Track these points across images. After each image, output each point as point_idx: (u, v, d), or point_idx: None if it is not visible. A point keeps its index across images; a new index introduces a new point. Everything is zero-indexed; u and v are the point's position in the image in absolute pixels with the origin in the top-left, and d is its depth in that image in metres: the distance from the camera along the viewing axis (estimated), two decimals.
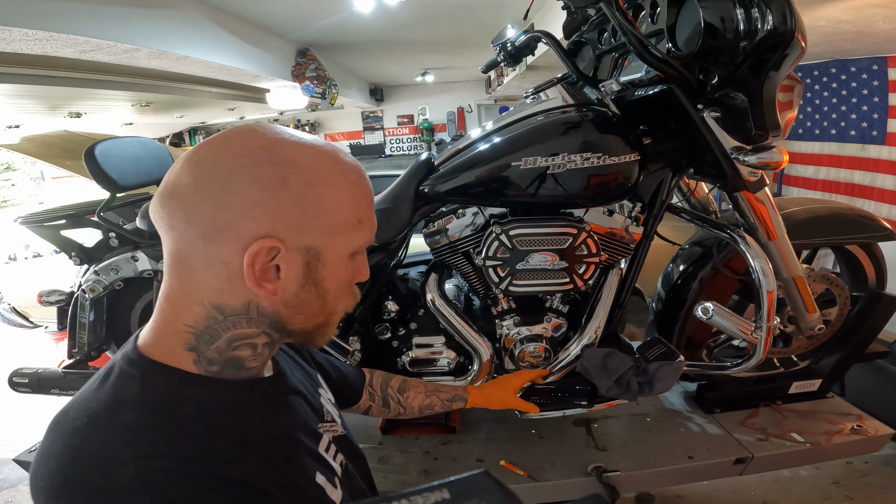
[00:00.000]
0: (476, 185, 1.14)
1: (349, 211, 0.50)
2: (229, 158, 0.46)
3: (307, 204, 0.47)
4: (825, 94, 3.38)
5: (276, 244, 0.46)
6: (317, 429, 0.60)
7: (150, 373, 0.47)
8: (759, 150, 1.07)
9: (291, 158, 0.47)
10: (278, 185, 0.46)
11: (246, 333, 0.50)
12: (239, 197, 0.45)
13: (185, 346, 0.49)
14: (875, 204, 3.06)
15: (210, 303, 0.48)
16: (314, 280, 0.50)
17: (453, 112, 8.13)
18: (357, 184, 0.51)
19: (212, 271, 0.47)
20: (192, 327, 0.48)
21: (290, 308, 0.50)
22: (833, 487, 1.82)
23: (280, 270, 0.48)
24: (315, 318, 0.53)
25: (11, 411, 2.80)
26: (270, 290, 0.48)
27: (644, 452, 1.26)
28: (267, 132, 0.48)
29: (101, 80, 3.31)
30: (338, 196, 0.49)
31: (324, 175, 0.48)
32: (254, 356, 0.52)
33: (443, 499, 0.23)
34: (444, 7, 3.62)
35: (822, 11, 2.04)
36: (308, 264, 0.49)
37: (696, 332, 1.40)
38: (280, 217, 0.46)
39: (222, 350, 0.50)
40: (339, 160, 0.50)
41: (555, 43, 1.23)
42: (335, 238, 0.50)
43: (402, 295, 1.32)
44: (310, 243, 0.48)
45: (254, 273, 0.46)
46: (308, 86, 4.33)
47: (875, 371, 1.80)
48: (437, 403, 0.99)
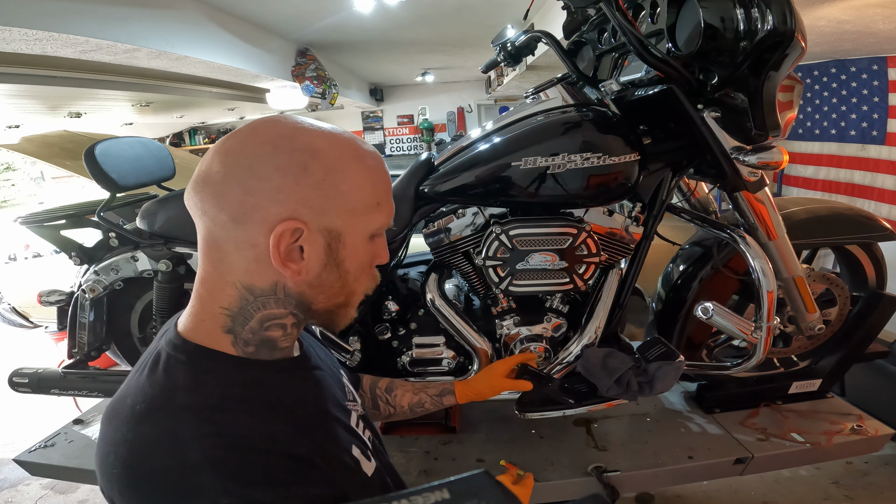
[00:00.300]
0: (476, 185, 1.14)
1: (367, 194, 0.53)
2: (254, 146, 0.49)
3: (327, 187, 0.50)
4: (825, 94, 3.38)
5: (300, 226, 0.49)
6: (345, 405, 0.64)
7: (196, 357, 0.51)
8: (759, 150, 1.07)
9: (311, 145, 0.50)
10: (299, 170, 0.49)
11: (275, 314, 0.54)
12: (264, 182, 0.48)
13: (223, 328, 0.52)
14: (875, 204, 3.06)
15: (241, 283, 0.51)
16: (335, 260, 0.53)
17: (453, 112, 8.12)
18: (374, 168, 0.54)
19: (241, 253, 0.50)
20: (227, 309, 0.52)
21: (313, 288, 0.53)
22: (833, 487, 1.82)
23: (304, 251, 0.51)
24: (336, 298, 0.56)
25: (11, 411, 2.80)
26: (295, 269, 0.51)
27: (644, 452, 1.26)
28: (288, 122, 0.52)
29: (101, 80, 3.31)
30: (356, 180, 0.52)
31: (342, 160, 0.51)
32: (284, 336, 0.56)
33: (443, 499, 0.23)
34: (444, 7, 3.61)
35: (822, 11, 2.04)
36: (329, 245, 0.52)
37: (696, 332, 1.40)
38: (302, 200, 0.49)
39: (256, 331, 0.53)
40: (356, 146, 0.53)
41: (555, 43, 1.23)
42: (355, 220, 0.52)
43: (402, 295, 1.32)
44: (330, 225, 0.51)
45: (279, 253, 0.49)
46: (308, 86, 4.33)
47: (875, 371, 1.81)
48: (426, 400, 0.97)
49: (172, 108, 5.65)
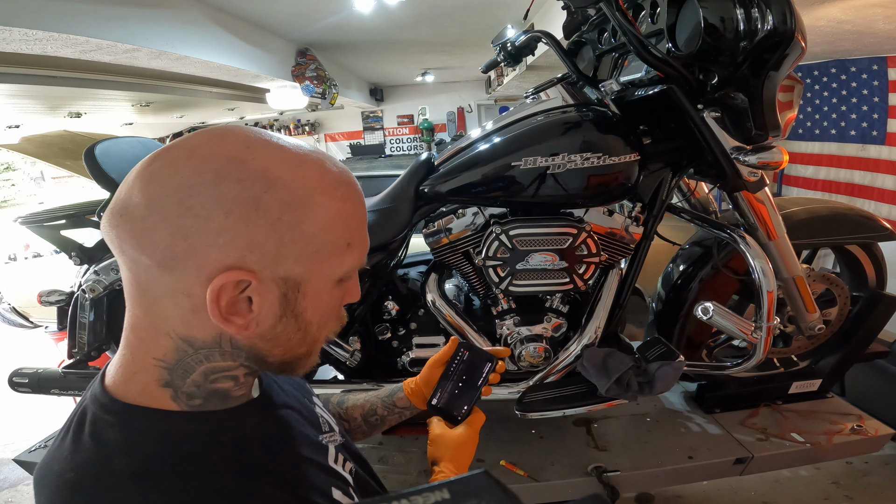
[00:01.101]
0: (476, 184, 1.14)
1: (336, 234, 0.43)
2: (189, 173, 0.38)
3: (284, 229, 0.40)
4: (825, 94, 3.38)
5: (246, 276, 0.39)
6: (320, 441, 0.56)
7: (127, 418, 0.42)
8: (759, 150, 1.07)
9: (266, 173, 0.40)
10: (248, 207, 0.39)
11: (222, 367, 0.45)
12: (200, 221, 0.38)
13: (159, 382, 0.43)
14: (875, 204, 3.06)
15: (177, 335, 0.42)
16: (293, 312, 0.44)
17: (453, 112, 8.12)
18: (347, 200, 0.44)
19: (174, 301, 0.41)
20: (162, 361, 0.43)
21: (267, 341, 0.45)
22: (833, 487, 1.82)
23: (252, 302, 0.42)
24: (296, 350, 0.48)
25: (11, 411, 2.80)
26: (241, 324, 0.42)
27: (644, 452, 1.26)
28: (238, 139, 0.41)
29: (101, 80, 3.31)
30: (322, 217, 0.42)
31: (306, 192, 0.41)
32: (237, 386, 0.47)
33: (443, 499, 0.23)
34: (444, 7, 3.62)
35: (822, 11, 2.05)
36: (286, 296, 0.43)
37: (696, 332, 1.40)
38: (251, 245, 0.39)
39: (200, 384, 0.45)
40: (325, 172, 0.43)
41: (555, 43, 1.23)
42: (319, 266, 0.43)
43: (402, 295, 1.32)
44: (288, 273, 0.42)
45: (219, 308, 0.40)
46: (308, 86, 4.33)
47: (875, 371, 1.80)
48: (377, 405, 0.82)
49: (172, 108, 5.65)
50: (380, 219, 1.21)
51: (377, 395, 0.84)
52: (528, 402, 1.22)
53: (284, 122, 8.15)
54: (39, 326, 3.96)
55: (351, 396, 0.85)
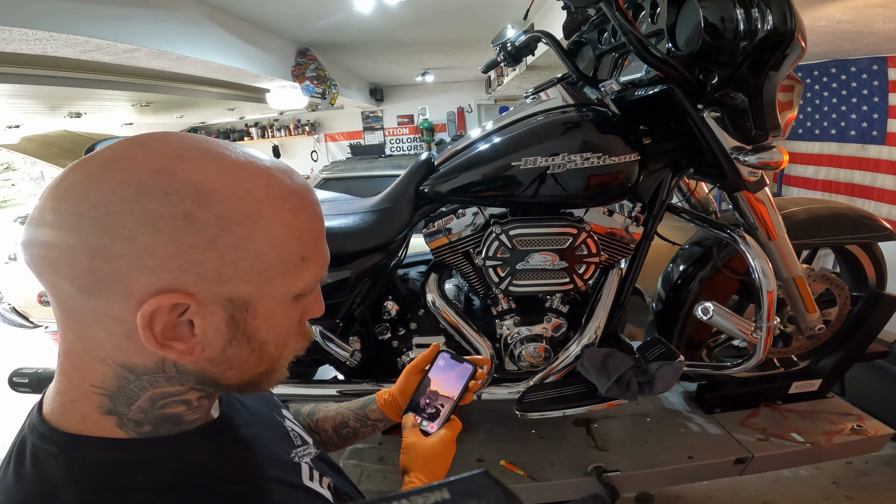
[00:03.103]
0: (476, 185, 1.14)
1: (288, 249, 0.39)
2: (108, 188, 0.34)
3: (224, 247, 0.36)
4: (825, 94, 3.38)
5: (182, 300, 0.36)
6: (291, 458, 0.52)
7: (70, 448, 0.38)
8: (759, 150, 1.07)
9: (199, 186, 0.35)
10: (179, 225, 0.34)
11: (170, 392, 0.41)
12: (123, 241, 0.34)
13: (101, 409, 0.39)
14: (875, 204, 3.06)
15: (114, 361, 0.38)
16: (244, 333, 0.40)
17: (453, 112, 8.12)
18: (298, 212, 0.40)
19: (105, 328, 0.37)
20: (101, 388, 0.39)
21: (217, 365, 0.41)
22: (833, 487, 1.82)
23: (195, 326, 0.38)
24: (253, 371, 0.44)
25: (11, 411, 2.80)
26: (183, 350, 0.38)
27: (644, 452, 1.27)
28: (167, 148, 0.36)
29: (101, 80, 3.31)
30: (270, 233, 0.38)
31: (248, 206, 0.37)
32: (190, 410, 0.43)
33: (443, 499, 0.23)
34: (444, 7, 3.62)
35: (822, 11, 2.04)
36: (233, 317, 0.39)
37: (696, 332, 1.40)
38: (185, 266, 0.35)
39: (147, 410, 0.41)
40: (271, 183, 0.39)
41: (555, 43, 1.23)
42: (269, 284, 0.39)
43: (402, 295, 1.32)
44: (234, 294, 0.38)
45: (153, 335, 0.36)
46: (308, 86, 4.33)
47: (875, 371, 1.80)
48: (349, 417, 0.78)
49: (172, 108, 5.65)
50: (380, 219, 1.21)
51: (349, 406, 0.80)
52: (528, 402, 1.22)
53: (284, 122, 8.15)
54: (39, 326, 3.96)
55: (322, 407, 0.81)
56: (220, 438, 0.46)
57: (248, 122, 8.20)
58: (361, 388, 1.28)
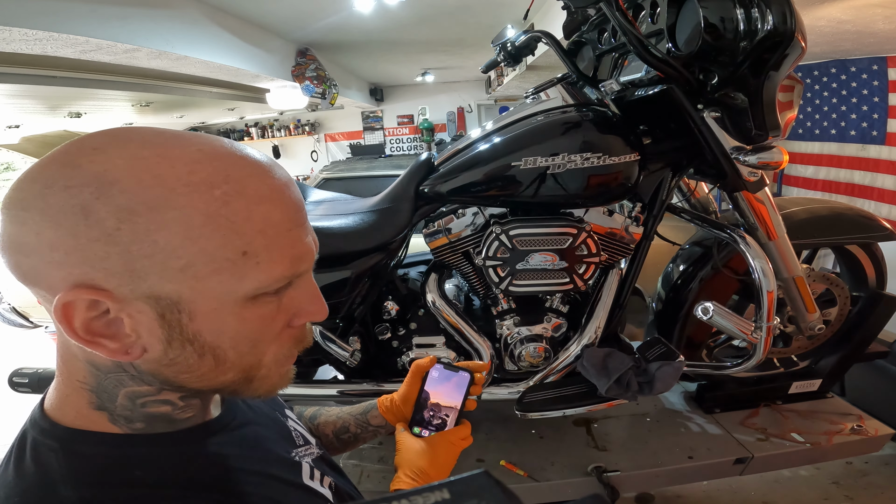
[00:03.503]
0: (476, 185, 1.14)
1: (214, 243, 0.36)
2: (25, 187, 0.35)
3: (125, 240, 0.34)
4: (825, 94, 3.38)
5: (96, 296, 0.34)
6: (292, 458, 0.52)
7: (69, 442, 0.39)
8: (759, 150, 1.07)
9: (100, 177, 0.33)
10: (75, 218, 0.33)
11: (142, 391, 0.41)
12: (33, 237, 0.34)
13: (91, 404, 0.40)
14: (875, 204, 3.06)
15: (83, 358, 0.39)
16: (182, 336, 0.38)
17: (453, 112, 8.12)
18: (231, 200, 0.36)
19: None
20: (84, 384, 0.40)
21: (168, 367, 0.39)
22: (833, 487, 1.82)
23: (125, 327, 0.37)
24: (217, 378, 0.41)
25: (11, 411, 2.80)
26: (115, 348, 0.37)
27: (644, 452, 1.26)
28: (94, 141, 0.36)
29: (101, 80, 3.31)
30: (183, 224, 0.34)
31: (154, 195, 0.34)
32: (178, 410, 0.43)
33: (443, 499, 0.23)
34: (444, 7, 3.61)
35: (822, 11, 2.04)
36: (164, 317, 0.37)
37: (696, 332, 1.40)
38: (89, 261, 0.34)
39: (130, 408, 0.41)
40: (196, 168, 0.35)
41: (555, 43, 1.23)
42: (200, 283, 0.36)
43: (402, 295, 1.32)
44: (155, 292, 0.36)
45: (74, 330, 0.35)
46: (308, 86, 4.33)
47: (875, 371, 1.80)
48: (350, 422, 0.78)
49: (172, 108, 5.65)
50: (380, 219, 1.21)
51: (350, 411, 0.79)
52: (528, 402, 1.22)
53: (284, 122, 8.15)
54: (39, 326, 3.96)
55: (324, 412, 0.81)
56: (220, 437, 0.46)
57: (248, 122, 8.20)
58: (361, 387, 1.28)
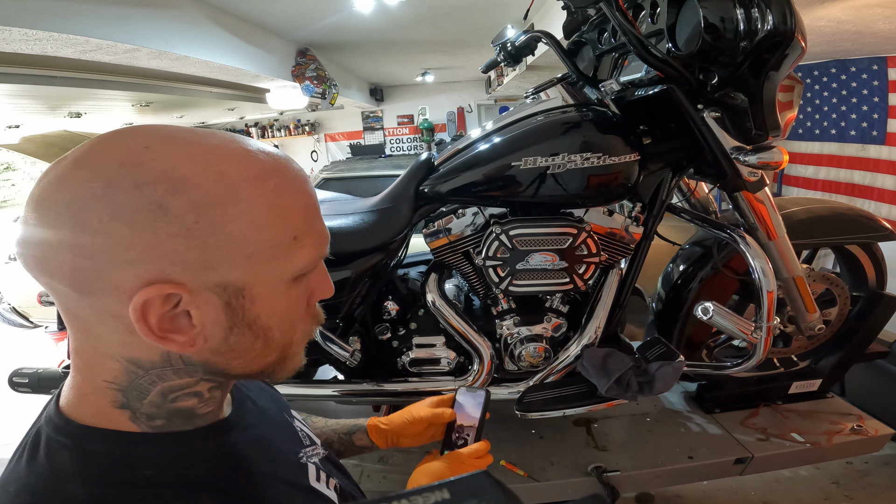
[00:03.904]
0: (476, 185, 1.14)
1: (275, 230, 0.38)
2: (76, 186, 0.34)
3: (203, 233, 0.35)
4: (825, 94, 3.38)
5: (173, 290, 0.35)
6: (299, 459, 0.52)
7: (83, 440, 0.39)
8: (759, 150, 1.07)
9: (168, 174, 0.34)
10: (153, 215, 0.34)
11: (180, 384, 0.41)
12: (100, 237, 0.33)
13: (114, 403, 0.40)
14: (875, 204, 3.06)
15: (122, 357, 0.39)
16: (244, 321, 0.40)
17: (453, 112, 8.12)
18: (281, 191, 0.39)
19: (106, 325, 0.37)
20: (112, 383, 0.39)
21: (222, 355, 0.41)
22: (833, 487, 1.82)
23: (192, 317, 0.37)
24: (262, 360, 0.43)
25: (11, 411, 2.80)
26: (184, 341, 0.38)
27: (644, 452, 1.26)
28: (134, 140, 0.36)
29: (101, 80, 3.31)
30: (251, 214, 0.37)
31: (223, 189, 0.36)
32: (202, 403, 0.44)
33: (443, 499, 0.23)
34: (444, 7, 3.61)
35: (822, 11, 2.05)
36: (229, 304, 0.38)
37: (696, 332, 1.40)
38: (168, 256, 0.35)
39: (159, 404, 0.41)
40: (248, 164, 0.37)
41: (555, 43, 1.23)
42: (261, 268, 0.38)
43: (402, 295, 1.32)
44: (224, 280, 0.37)
45: (150, 327, 0.36)
46: (308, 86, 4.33)
47: (875, 371, 1.80)
48: (333, 439, 0.77)
49: (172, 108, 5.65)
50: (380, 219, 1.21)
51: (334, 427, 0.78)
52: (528, 402, 1.22)
53: (284, 122, 8.15)
54: (39, 326, 3.96)
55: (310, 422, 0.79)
56: (229, 437, 0.46)
57: (248, 122, 8.20)
58: (361, 387, 1.28)
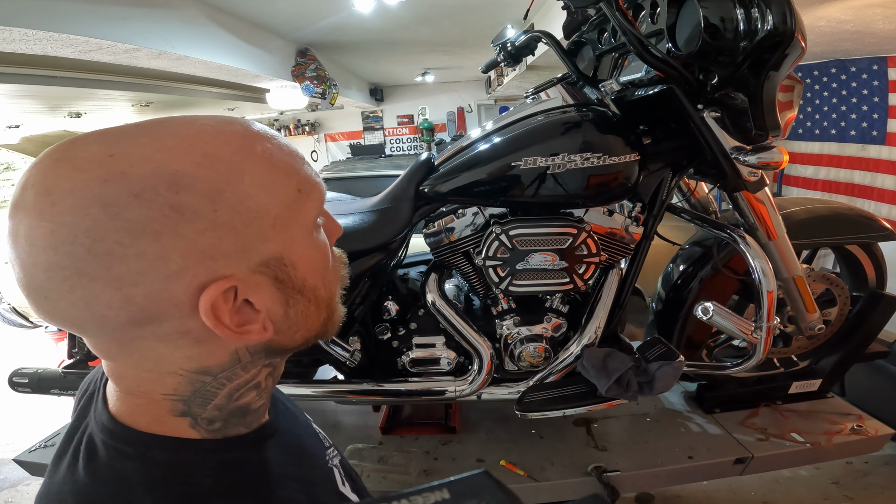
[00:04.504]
0: (476, 184, 1.14)
1: (283, 189, 0.38)
2: (72, 220, 0.30)
3: (227, 219, 0.34)
4: (825, 94, 3.38)
5: (227, 284, 0.34)
6: (327, 463, 0.52)
7: (146, 447, 0.38)
8: (759, 150, 1.07)
9: (158, 173, 0.32)
10: (171, 219, 0.32)
11: (247, 378, 0.42)
12: (133, 261, 0.31)
13: (173, 412, 0.39)
14: (875, 204, 3.06)
15: (188, 370, 0.38)
16: (295, 288, 0.40)
17: (453, 112, 8.12)
18: (270, 152, 0.38)
19: (171, 345, 0.37)
20: (173, 395, 0.39)
21: (285, 333, 0.41)
22: (833, 487, 1.83)
23: (254, 305, 0.37)
24: (317, 321, 0.44)
25: (11, 411, 2.80)
26: (258, 328, 0.38)
27: (644, 452, 1.26)
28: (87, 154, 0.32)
29: (101, 80, 3.31)
30: (259, 184, 0.36)
31: (222, 171, 0.34)
32: (258, 395, 0.44)
33: (443, 499, 0.23)
34: (444, 7, 3.61)
35: (822, 11, 2.05)
36: (277, 278, 0.38)
37: (696, 332, 1.40)
38: (206, 253, 0.33)
39: (223, 406, 0.41)
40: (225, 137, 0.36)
41: (555, 43, 1.23)
42: (287, 231, 0.38)
43: (402, 295, 1.32)
44: (264, 256, 0.37)
45: (228, 327, 0.36)
46: (308, 86, 4.33)
47: (875, 371, 1.81)
48: None
49: (172, 108, 5.65)
50: (380, 219, 1.21)
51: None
52: (528, 402, 1.22)
53: (284, 122, 8.15)
54: (39, 326, 3.95)
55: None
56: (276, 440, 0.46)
57: None
58: (361, 387, 1.28)
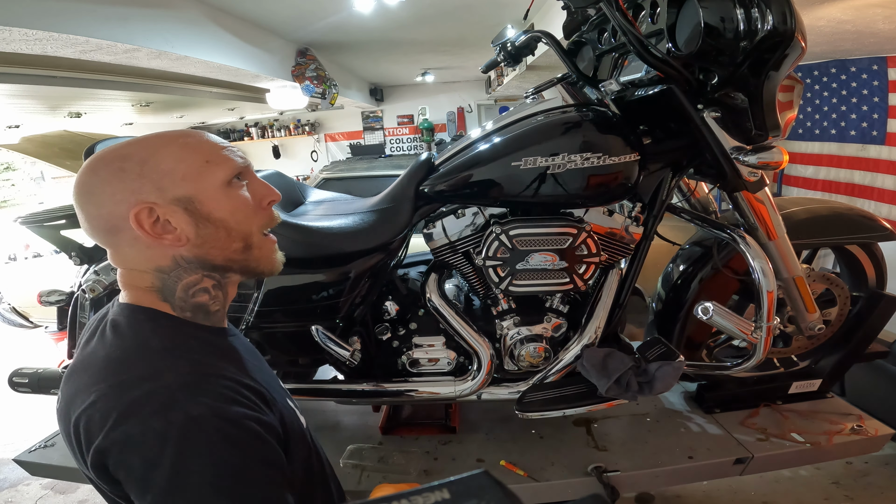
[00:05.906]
0: (476, 184, 1.14)
1: (191, 159, 0.61)
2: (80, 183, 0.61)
3: (149, 173, 0.59)
4: (825, 94, 3.38)
5: (148, 206, 0.59)
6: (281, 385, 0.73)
7: (154, 315, 0.62)
8: (759, 150, 1.07)
9: (118, 153, 0.61)
10: (118, 174, 0.59)
11: (193, 280, 0.64)
12: (103, 196, 0.59)
13: (160, 297, 0.63)
14: (875, 204, 3.06)
15: (151, 268, 0.62)
16: (203, 216, 0.61)
17: (453, 112, 8.11)
18: (186, 138, 0.63)
19: (135, 248, 0.61)
20: (152, 287, 0.63)
21: (202, 247, 0.63)
22: (833, 487, 1.83)
23: (172, 223, 0.60)
24: (232, 245, 0.64)
25: (11, 411, 2.80)
26: (173, 238, 0.61)
27: (644, 452, 1.26)
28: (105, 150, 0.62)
29: (101, 80, 3.31)
30: (174, 156, 0.61)
31: (149, 149, 0.61)
32: (212, 300, 0.66)
33: (443, 499, 0.23)
34: (444, 7, 3.61)
35: (822, 11, 2.04)
36: (188, 209, 0.61)
37: (696, 332, 1.40)
38: (135, 190, 0.59)
39: (185, 299, 0.63)
40: (163, 136, 0.63)
41: (555, 43, 1.23)
42: (195, 182, 0.61)
43: (402, 295, 1.32)
44: (177, 195, 0.60)
45: (148, 231, 0.59)
46: (308, 86, 4.32)
47: (875, 371, 1.81)
48: None
49: (172, 108, 5.65)
50: (380, 219, 1.21)
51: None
52: (528, 402, 1.22)
53: (284, 122, 8.14)
54: (39, 326, 3.96)
55: None
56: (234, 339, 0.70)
57: (248, 122, 8.19)
58: (361, 387, 1.28)
